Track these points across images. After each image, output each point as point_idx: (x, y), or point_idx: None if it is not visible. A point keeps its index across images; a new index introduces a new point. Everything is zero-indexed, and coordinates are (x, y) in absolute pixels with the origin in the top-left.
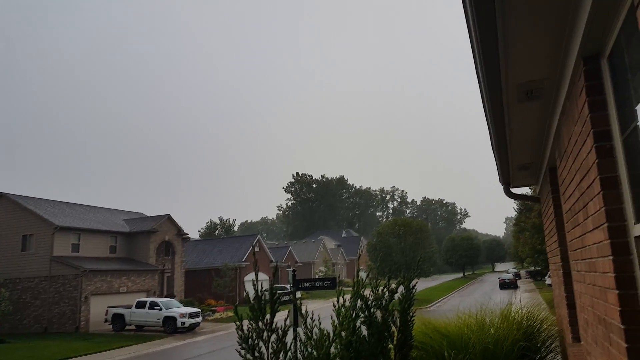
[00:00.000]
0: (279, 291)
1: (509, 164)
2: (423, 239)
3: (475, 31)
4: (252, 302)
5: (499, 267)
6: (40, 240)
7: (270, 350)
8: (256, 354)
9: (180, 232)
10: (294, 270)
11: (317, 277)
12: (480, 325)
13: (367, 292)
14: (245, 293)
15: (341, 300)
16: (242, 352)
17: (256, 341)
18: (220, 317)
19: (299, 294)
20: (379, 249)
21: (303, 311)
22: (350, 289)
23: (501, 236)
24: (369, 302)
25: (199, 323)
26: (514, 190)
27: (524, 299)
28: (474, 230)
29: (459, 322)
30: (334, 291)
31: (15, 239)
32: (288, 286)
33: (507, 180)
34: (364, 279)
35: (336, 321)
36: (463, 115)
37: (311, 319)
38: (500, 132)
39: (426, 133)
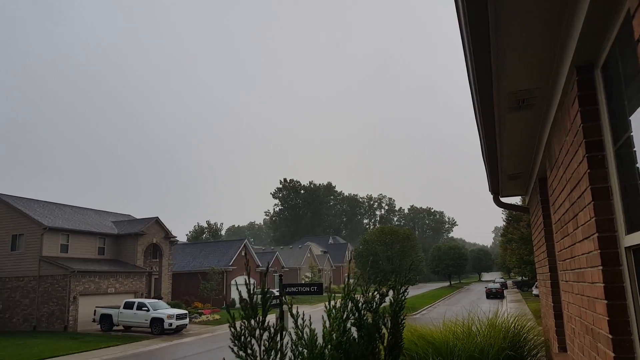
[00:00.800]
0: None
1: (499, 174)
2: (409, 247)
3: (468, 40)
4: (242, 302)
5: (486, 276)
6: (29, 241)
7: (262, 347)
8: (248, 351)
9: (168, 235)
10: (280, 275)
11: (303, 282)
12: (466, 333)
13: (357, 296)
14: (233, 297)
15: (332, 302)
16: (235, 349)
17: (248, 339)
18: (207, 320)
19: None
20: (366, 256)
21: (294, 312)
22: (338, 294)
23: (489, 246)
24: (360, 304)
25: (186, 325)
26: (504, 200)
27: (511, 309)
28: (461, 239)
29: (445, 329)
30: (320, 297)
31: (4, 238)
32: (275, 291)
33: (497, 190)
34: (352, 284)
35: (327, 322)
36: (453, 124)
37: (302, 319)
38: (491, 141)
39: (416, 141)
